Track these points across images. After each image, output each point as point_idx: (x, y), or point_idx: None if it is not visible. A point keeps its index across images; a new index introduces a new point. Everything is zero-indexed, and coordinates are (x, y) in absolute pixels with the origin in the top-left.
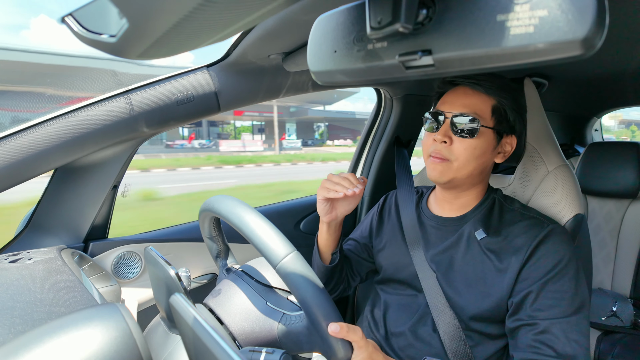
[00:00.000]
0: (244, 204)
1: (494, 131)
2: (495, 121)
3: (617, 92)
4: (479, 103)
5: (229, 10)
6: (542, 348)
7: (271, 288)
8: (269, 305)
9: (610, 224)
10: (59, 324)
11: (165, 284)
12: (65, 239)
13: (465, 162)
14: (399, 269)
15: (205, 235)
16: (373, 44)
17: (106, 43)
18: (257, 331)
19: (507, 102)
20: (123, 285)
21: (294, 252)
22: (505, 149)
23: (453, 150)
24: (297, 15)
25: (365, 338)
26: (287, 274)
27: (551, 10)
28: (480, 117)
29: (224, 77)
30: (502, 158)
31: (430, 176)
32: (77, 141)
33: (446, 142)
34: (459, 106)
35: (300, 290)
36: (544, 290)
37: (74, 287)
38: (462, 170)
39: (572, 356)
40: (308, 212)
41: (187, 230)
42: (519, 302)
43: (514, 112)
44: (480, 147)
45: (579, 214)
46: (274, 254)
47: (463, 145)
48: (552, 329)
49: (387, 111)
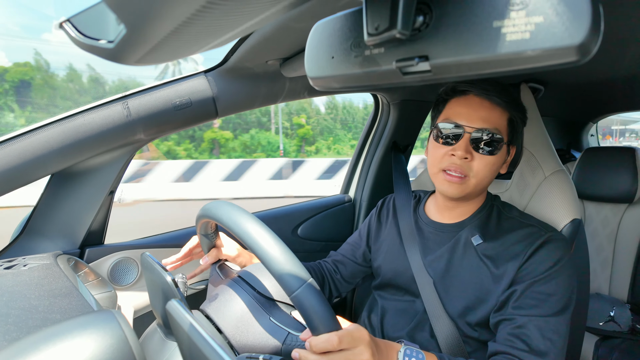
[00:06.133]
0: (251, 215)
1: (507, 145)
2: (509, 135)
3: (612, 98)
4: (497, 118)
5: (227, 17)
6: (516, 342)
7: (273, 301)
8: (272, 321)
9: (607, 229)
10: (54, 331)
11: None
12: (61, 244)
13: (484, 178)
14: (396, 274)
15: (201, 233)
16: (370, 50)
17: (104, 49)
18: (259, 348)
19: (520, 115)
20: (119, 291)
21: (308, 281)
22: (509, 159)
23: (473, 167)
24: (294, 21)
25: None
26: (302, 303)
27: (547, 16)
28: (501, 133)
29: (221, 83)
30: (505, 168)
31: (446, 192)
32: (74, 146)
33: (467, 158)
34: (478, 120)
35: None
36: (528, 290)
37: (69, 294)
38: (479, 185)
39: (544, 353)
40: (305, 218)
41: (184, 236)
42: (504, 300)
43: (521, 124)
44: (498, 163)
45: (576, 219)
46: (290, 284)
47: (483, 161)
48: (529, 325)
49: (385, 117)
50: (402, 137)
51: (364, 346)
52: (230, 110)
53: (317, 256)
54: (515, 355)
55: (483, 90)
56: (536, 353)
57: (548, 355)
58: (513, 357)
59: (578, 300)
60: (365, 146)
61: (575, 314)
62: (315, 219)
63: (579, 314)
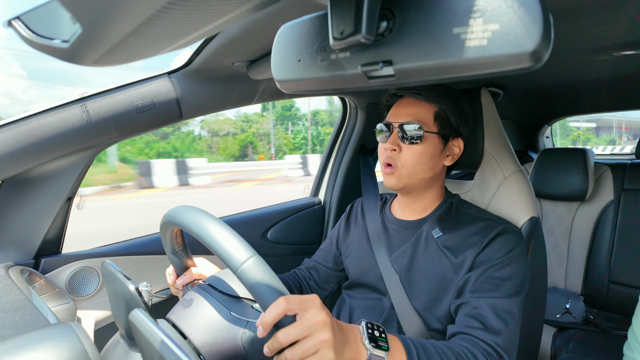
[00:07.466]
0: (205, 212)
1: (439, 135)
2: (438, 126)
3: (564, 102)
4: (421, 111)
5: (189, 17)
6: (471, 321)
7: (238, 298)
8: (233, 315)
9: (562, 226)
10: (5, 347)
11: (124, 300)
12: (13, 255)
13: (413, 166)
14: (364, 272)
15: (169, 251)
16: (336, 54)
17: (58, 48)
18: (220, 342)
19: (448, 108)
20: (79, 303)
21: (254, 256)
22: (454, 151)
23: (401, 157)
24: (260, 23)
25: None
26: (247, 278)
27: (502, 24)
28: (424, 123)
29: (186, 85)
30: (452, 160)
31: (386, 184)
32: (26, 151)
33: (395, 149)
34: (404, 115)
35: (261, 295)
36: (484, 275)
37: (22, 307)
38: (412, 174)
39: (498, 331)
40: (275, 221)
41: (147, 243)
42: (462, 286)
43: (455, 116)
44: (426, 152)
45: (534, 216)
46: (234, 259)
47: (411, 151)
48: (483, 305)
49: (352, 120)
50: (369, 139)
51: (317, 308)
52: (197, 113)
53: (288, 260)
54: (470, 334)
55: (414, 91)
56: (490, 331)
57: (501, 333)
58: (469, 335)
59: (537, 294)
60: (334, 149)
61: (534, 308)
62: (285, 222)
63: (538, 307)
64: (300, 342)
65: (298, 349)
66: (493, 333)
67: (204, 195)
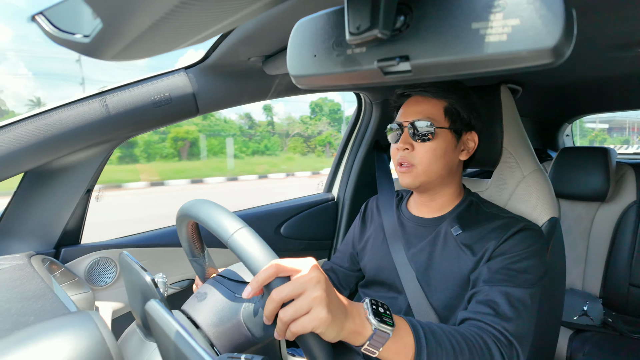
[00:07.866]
0: (207, 200)
1: (451, 130)
2: (449, 121)
3: (585, 100)
4: (430, 107)
5: (207, 12)
6: (482, 307)
7: (245, 283)
8: (237, 297)
9: (581, 226)
10: (27, 334)
11: (140, 291)
12: (35, 245)
13: (429, 163)
14: (380, 269)
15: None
16: (352, 49)
17: (79, 43)
18: (225, 321)
19: (457, 102)
20: (97, 292)
21: (245, 227)
22: (468, 145)
23: (416, 155)
24: (276, 19)
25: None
26: (237, 246)
27: (523, 19)
28: (434, 119)
29: (202, 80)
30: (467, 155)
31: (402, 184)
32: (48, 143)
33: (408, 148)
34: (414, 113)
35: (251, 259)
36: (499, 266)
37: (44, 296)
38: (428, 172)
39: (509, 318)
40: (288, 216)
41: (163, 235)
42: (476, 278)
43: (465, 109)
44: (440, 148)
45: (554, 217)
46: (224, 230)
47: (424, 148)
48: (496, 292)
49: (367, 116)
50: (384, 136)
51: (311, 267)
52: (212, 107)
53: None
54: (481, 320)
55: (421, 89)
56: (501, 317)
57: (513, 320)
58: (479, 321)
59: (554, 296)
60: (348, 145)
61: (552, 309)
62: (298, 217)
63: (555, 308)
64: (294, 301)
65: (291, 307)
66: (504, 319)
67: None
